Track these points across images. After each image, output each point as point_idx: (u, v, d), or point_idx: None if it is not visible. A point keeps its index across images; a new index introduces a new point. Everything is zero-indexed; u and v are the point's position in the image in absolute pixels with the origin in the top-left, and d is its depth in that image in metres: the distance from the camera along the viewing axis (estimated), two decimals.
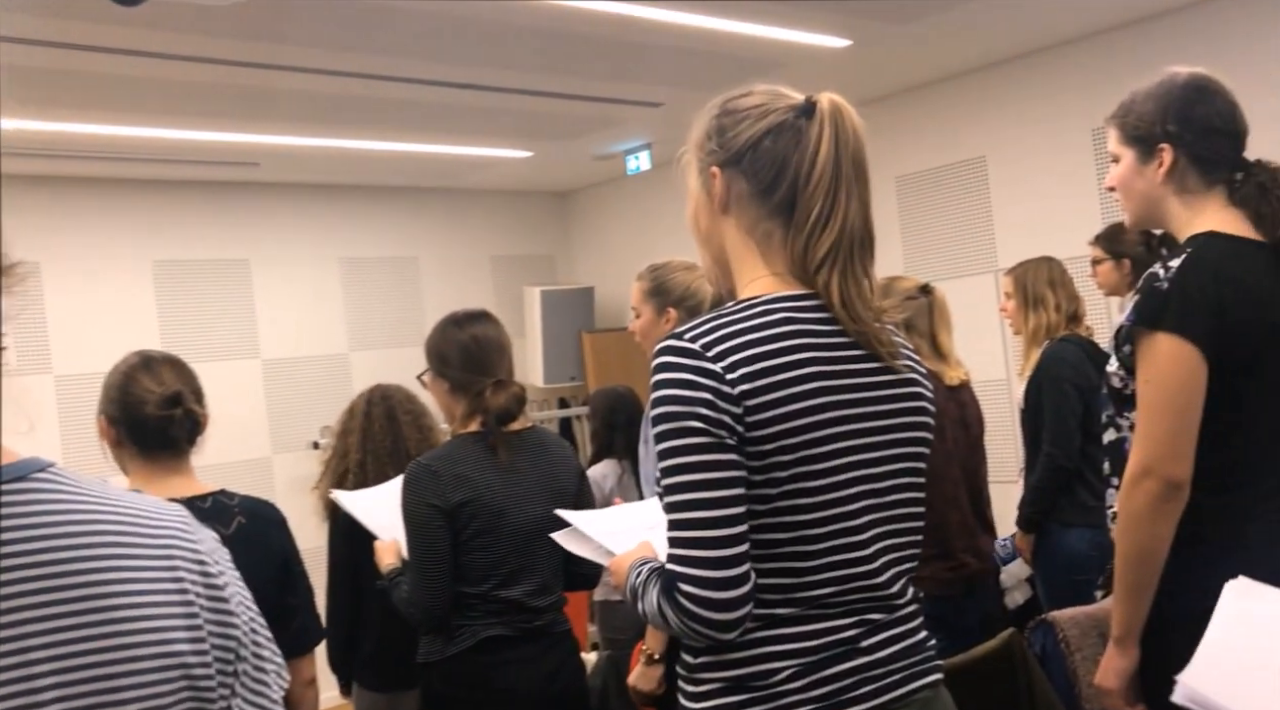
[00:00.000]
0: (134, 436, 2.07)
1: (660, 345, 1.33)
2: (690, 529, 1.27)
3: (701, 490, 1.27)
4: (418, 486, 2.32)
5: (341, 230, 6.85)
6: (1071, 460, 3.52)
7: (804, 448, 1.29)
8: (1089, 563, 3.50)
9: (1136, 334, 1.74)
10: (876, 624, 1.35)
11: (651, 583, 1.35)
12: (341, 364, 6.75)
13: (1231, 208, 1.80)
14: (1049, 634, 2.24)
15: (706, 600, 1.26)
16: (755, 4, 4.11)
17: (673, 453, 1.28)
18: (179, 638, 0.89)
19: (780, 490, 1.29)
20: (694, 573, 1.26)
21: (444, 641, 2.36)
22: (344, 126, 5.38)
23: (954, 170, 5.67)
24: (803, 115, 1.38)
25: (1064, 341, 3.61)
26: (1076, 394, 3.51)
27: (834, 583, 1.32)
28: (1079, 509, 3.52)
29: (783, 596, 1.31)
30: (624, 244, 7.52)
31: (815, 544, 1.31)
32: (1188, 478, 1.69)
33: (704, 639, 1.30)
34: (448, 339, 2.46)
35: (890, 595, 1.37)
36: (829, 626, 1.32)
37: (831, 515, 1.31)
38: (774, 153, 1.37)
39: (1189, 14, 4.75)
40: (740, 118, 1.40)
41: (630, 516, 1.84)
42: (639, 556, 1.47)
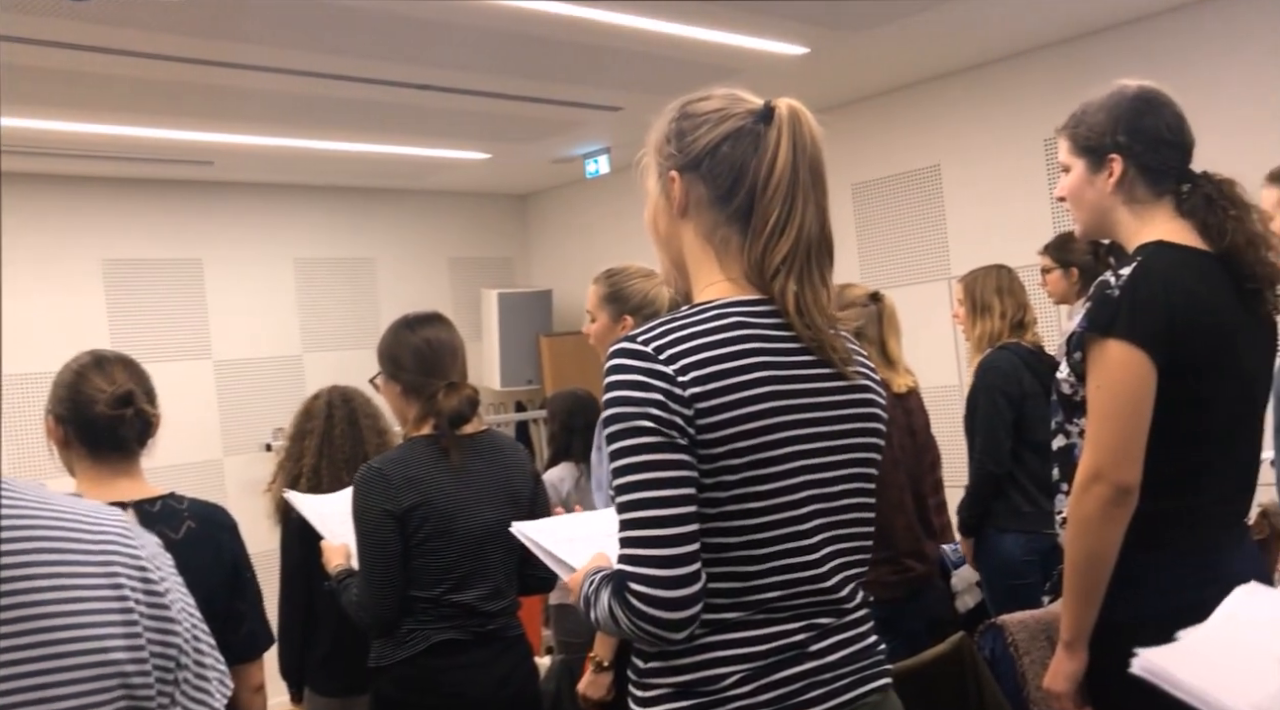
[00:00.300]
0: (83, 436, 2.03)
1: (613, 348, 1.33)
2: (641, 528, 1.28)
3: (652, 489, 1.27)
4: (368, 490, 2.30)
5: (296, 230, 6.78)
6: (1001, 467, 3.59)
7: (754, 452, 1.29)
8: (1025, 568, 3.57)
9: (1087, 340, 1.77)
10: (825, 628, 1.36)
11: (603, 587, 1.35)
12: (295, 366, 6.68)
13: (1179, 218, 1.84)
14: (998, 638, 2.26)
15: (657, 599, 1.26)
16: (715, 10, 4.13)
17: (624, 453, 1.29)
18: (116, 646, 0.88)
19: (729, 494, 1.29)
20: (645, 572, 1.27)
21: (395, 646, 2.34)
22: (300, 126, 5.33)
23: (909, 178, 5.73)
24: (761, 120, 1.38)
25: (1001, 349, 3.67)
26: (1006, 402, 3.59)
27: (782, 587, 1.32)
28: (1013, 515, 3.59)
29: (731, 601, 1.32)
30: (582, 247, 7.51)
31: (764, 548, 1.31)
32: (1137, 483, 1.72)
33: (653, 639, 1.29)
34: (400, 342, 2.44)
35: (839, 600, 1.37)
36: (777, 631, 1.32)
37: (780, 519, 1.31)
38: (732, 158, 1.37)
39: (1137, 28, 4.84)
40: (699, 122, 1.40)
41: (585, 525, 1.84)
42: (593, 566, 1.47)
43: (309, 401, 3.15)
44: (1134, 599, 1.77)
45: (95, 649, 0.87)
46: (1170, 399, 1.72)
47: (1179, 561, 1.77)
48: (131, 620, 0.90)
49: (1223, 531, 1.82)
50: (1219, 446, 1.79)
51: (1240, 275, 1.79)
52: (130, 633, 0.89)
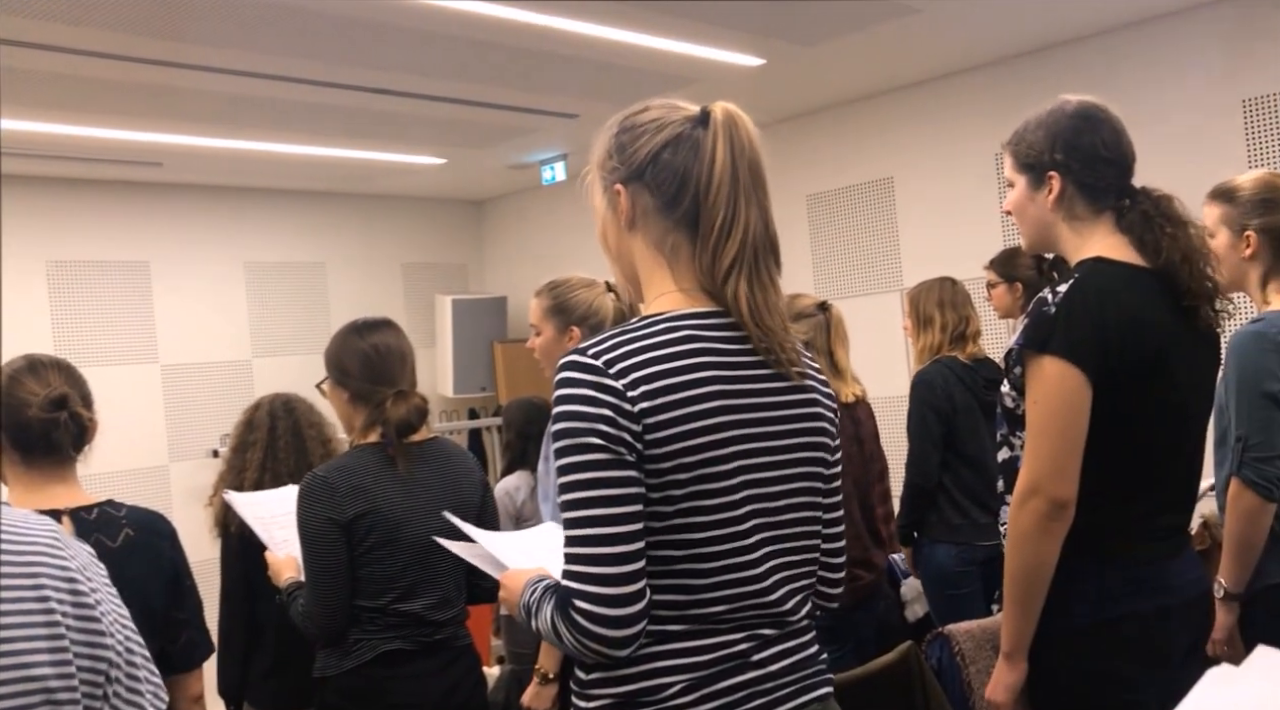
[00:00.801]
0: (15, 441, 1.99)
1: (563, 360, 1.33)
2: (586, 546, 1.27)
3: (599, 507, 1.27)
4: (313, 499, 2.27)
5: (247, 234, 6.70)
6: (928, 480, 3.64)
7: (701, 466, 1.30)
8: (960, 578, 3.63)
9: (1025, 356, 1.79)
10: (767, 639, 1.37)
11: (546, 600, 1.35)
12: (244, 370, 6.59)
13: (1118, 233, 1.86)
14: (945, 647, 2.28)
15: (601, 617, 1.26)
16: (672, 20, 4.15)
17: (571, 469, 1.29)
18: (40, 661, 0.86)
19: (676, 508, 1.29)
20: (589, 590, 1.26)
21: (340, 656, 2.31)
22: (252, 128, 5.27)
23: (862, 190, 5.78)
24: (699, 126, 1.39)
25: (934, 364, 3.72)
26: (935, 417, 3.63)
27: (726, 601, 1.33)
28: (944, 526, 3.65)
29: (675, 613, 1.32)
30: (538, 254, 7.49)
31: (709, 562, 1.31)
32: (1073, 497, 1.74)
33: (597, 656, 1.29)
34: (348, 348, 2.41)
35: (782, 612, 1.38)
36: (720, 641, 1.33)
37: (725, 534, 1.31)
38: (674, 164, 1.38)
39: (1089, 44, 4.92)
40: (639, 133, 1.41)
41: (531, 540, 1.83)
42: (535, 575, 1.47)
43: (250, 411, 3.09)
44: (1074, 609, 1.79)
45: (18, 664, 0.85)
46: (1107, 413, 1.75)
47: (1118, 572, 1.80)
48: (58, 634, 0.88)
49: (1162, 542, 1.84)
50: (1156, 459, 1.82)
51: (1177, 291, 1.82)
52: (56, 646, 0.88)
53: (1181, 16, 4.66)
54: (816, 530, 1.44)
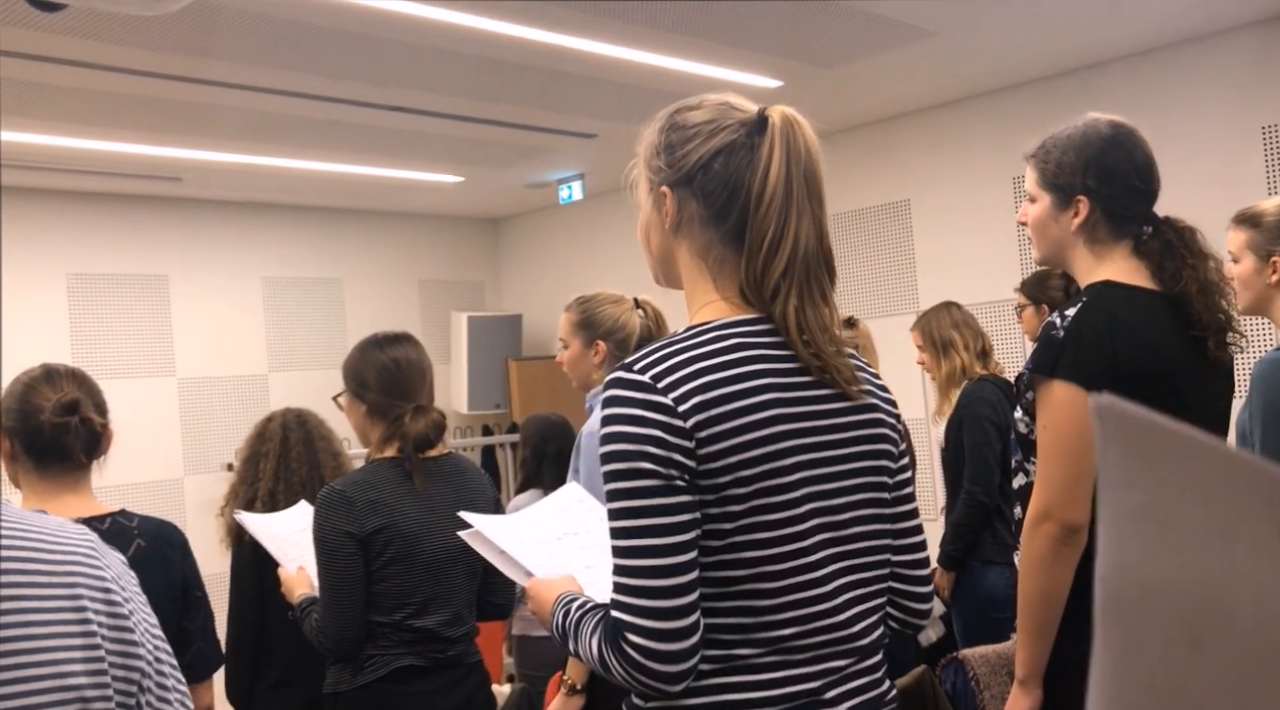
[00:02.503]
0: (28, 448, 1.99)
1: (610, 377, 1.27)
2: (638, 577, 1.21)
3: (650, 537, 1.20)
4: (331, 512, 2.27)
5: (265, 249, 6.74)
6: (991, 497, 3.58)
7: (760, 479, 1.22)
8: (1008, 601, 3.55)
9: (1035, 381, 1.78)
10: (841, 674, 1.29)
11: (587, 626, 1.29)
12: (260, 385, 6.62)
13: (1134, 258, 1.85)
14: (960, 672, 2.26)
15: (655, 652, 1.20)
16: (690, 42, 4.17)
17: (621, 494, 1.22)
18: (76, 670, 0.87)
19: (737, 524, 1.22)
20: (642, 623, 1.20)
21: (353, 671, 2.30)
22: (271, 144, 5.31)
23: (879, 212, 5.78)
24: (754, 132, 1.31)
25: (983, 381, 3.70)
26: (996, 432, 3.59)
27: (795, 623, 1.25)
28: (1000, 547, 3.58)
29: (741, 636, 1.25)
30: (554, 272, 7.51)
31: (775, 581, 1.24)
32: (1085, 521, 1.73)
33: (651, 691, 1.23)
34: (367, 361, 2.42)
35: (853, 635, 1.30)
36: (791, 675, 1.25)
37: (790, 551, 1.24)
38: (725, 175, 1.30)
39: (1105, 69, 4.92)
40: (690, 134, 1.33)
41: (537, 524, 1.80)
42: (564, 591, 1.41)
43: (262, 424, 3.09)
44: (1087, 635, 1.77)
45: (55, 672, 0.85)
46: None
47: None
48: (94, 643, 0.88)
49: None
50: None
51: (1188, 319, 1.81)
52: (91, 656, 0.88)
53: (1201, 43, 4.66)
54: (885, 545, 1.36)
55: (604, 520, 1.74)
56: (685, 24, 3.96)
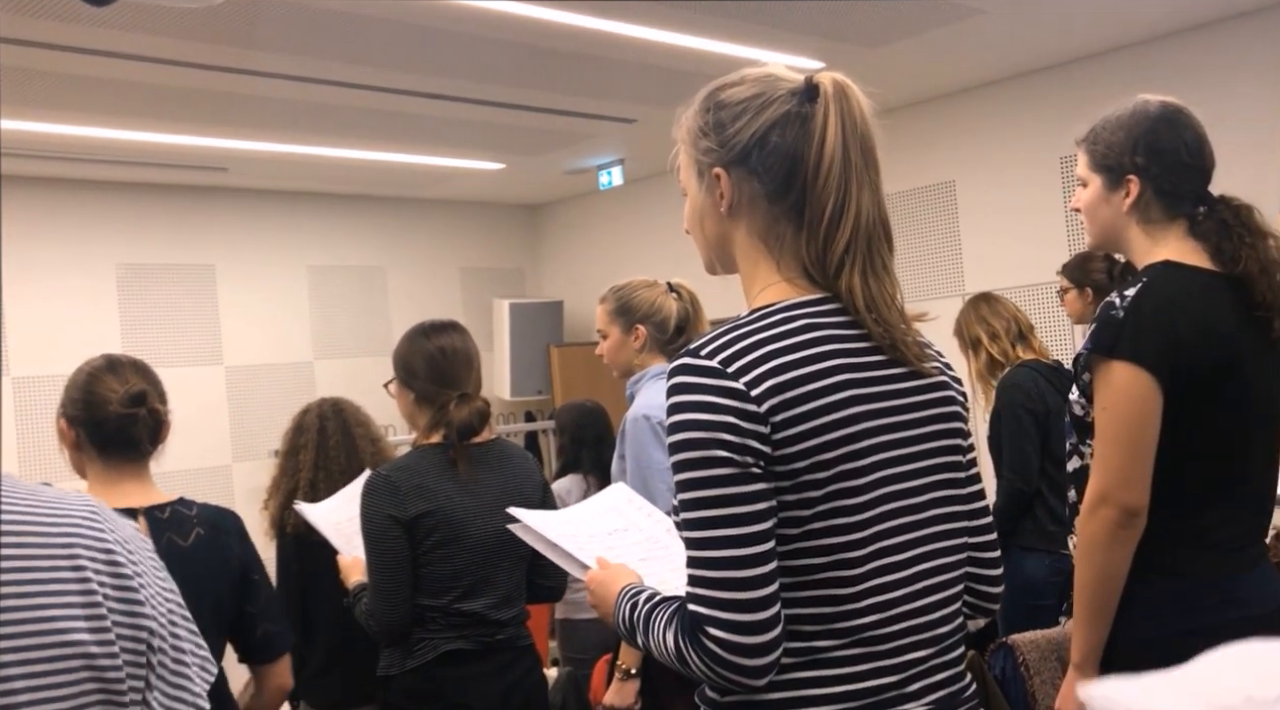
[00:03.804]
0: (94, 438, 2.03)
1: (675, 364, 1.22)
2: (717, 568, 1.16)
3: (728, 527, 1.16)
4: (376, 497, 2.30)
5: (309, 238, 6.80)
6: (1030, 485, 3.56)
7: (839, 463, 1.18)
8: (1047, 588, 3.53)
9: (1093, 362, 1.76)
10: (922, 666, 1.25)
11: (659, 619, 1.24)
12: (306, 372, 6.68)
13: (1191, 239, 1.82)
14: (1009, 657, 2.25)
15: (739, 646, 1.16)
16: (729, 23, 4.14)
17: (694, 484, 1.18)
18: (78, 627, 0.90)
19: (815, 511, 1.18)
20: (723, 616, 1.16)
21: (403, 655, 2.33)
22: (314, 134, 5.35)
23: (923, 193, 5.72)
24: (806, 101, 1.26)
25: (1021, 367, 3.66)
26: (1032, 419, 3.56)
27: (875, 611, 1.21)
28: (1039, 534, 3.56)
29: (821, 627, 1.21)
30: (594, 259, 7.51)
31: (855, 568, 1.20)
32: (1144, 505, 1.70)
33: (733, 686, 1.19)
34: (415, 349, 2.44)
35: (933, 622, 1.26)
36: (872, 669, 1.22)
37: (871, 534, 1.20)
38: (783, 148, 1.25)
39: (1154, 46, 4.83)
40: (739, 110, 1.27)
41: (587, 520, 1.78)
42: (625, 583, 1.37)
43: (299, 416, 3.12)
44: (1145, 620, 1.75)
45: (54, 629, 0.88)
46: (1177, 420, 1.70)
47: (1190, 583, 1.76)
48: (95, 602, 0.91)
49: (1235, 553, 1.80)
50: (1228, 468, 1.77)
51: (1251, 300, 1.77)
52: (94, 615, 0.91)
53: (1243, 20, 4.56)
54: (962, 527, 1.31)
55: (654, 518, 1.73)
56: (725, 5, 3.93)
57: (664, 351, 2.69)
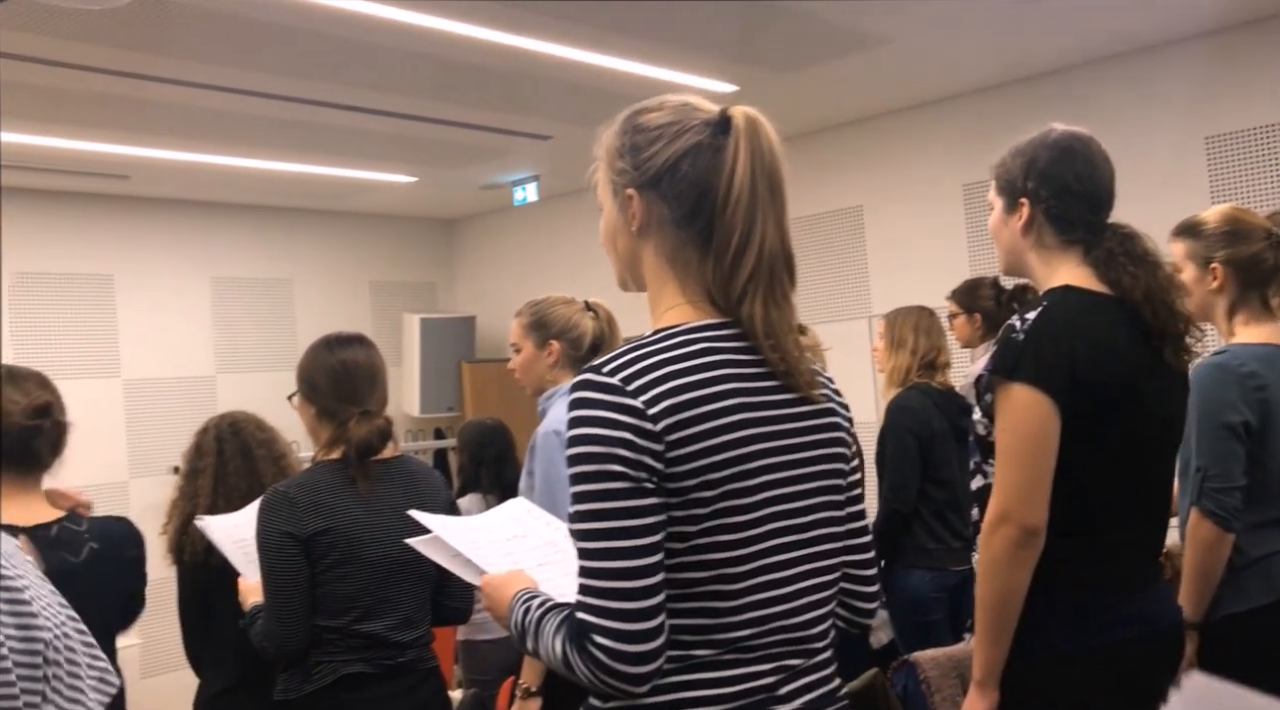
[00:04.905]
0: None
1: (578, 379, 1.27)
2: (606, 579, 1.21)
3: (620, 538, 1.21)
4: (272, 513, 2.24)
5: (214, 248, 6.65)
6: (906, 506, 3.67)
7: (726, 482, 1.24)
8: (933, 604, 3.64)
9: (995, 383, 1.80)
10: (794, 671, 1.31)
11: (549, 625, 1.29)
12: (208, 386, 6.52)
13: (1086, 265, 1.88)
14: (911, 675, 2.28)
15: (621, 653, 1.21)
16: (646, 46, 4.17)
17: (589, 497, 1.23)
18: None
19: (700, 527, 1.24)
20: (608, 625, 1.21)
21: (301, 679, 2.27)
22: (222, 142, 5.24)
23: (832, 217, 5.82)
24: (719, 132, 1.32)
25: (912, 389, 3.76)
26: (915, 442, 3.67)
27: (754, 624, 1.27)
28: (920, 552, 3.67)
29: (700, 638, 1.26)
30: (508, 274, 7.48)
31: (736, 583, 1.26)
32: (1043, 524, 1.75)
33: (616, 692, 1.24)
34: (318, 363, 2.39)
35: (809, 637, 1.33)
36: (747, 673, 1.27)
37: (754, 552, 1.26)
38: (693, 176, 1.31)
39: (1055, 78, 4.99)
40: (655, 136, 1.33)
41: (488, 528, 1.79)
42: (520, 587, 1.41)
43: (197, 437, 3.01)
44: (1046, 638, 1.79)
45: None
46: (1075, 441, 1.75)
47: (1090, 601, 1.80)
48: None
49: (1132, 572, 1.85)
50: (1125, 488, 1.83)
51: (1144, 327, 1.84)
52: None
53: (1150, 53, 4.74)
54: (839, 547, 1.38)
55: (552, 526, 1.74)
56: (641, 27, 3.96)
57: (577, 369, 2.69)
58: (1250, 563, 2.24)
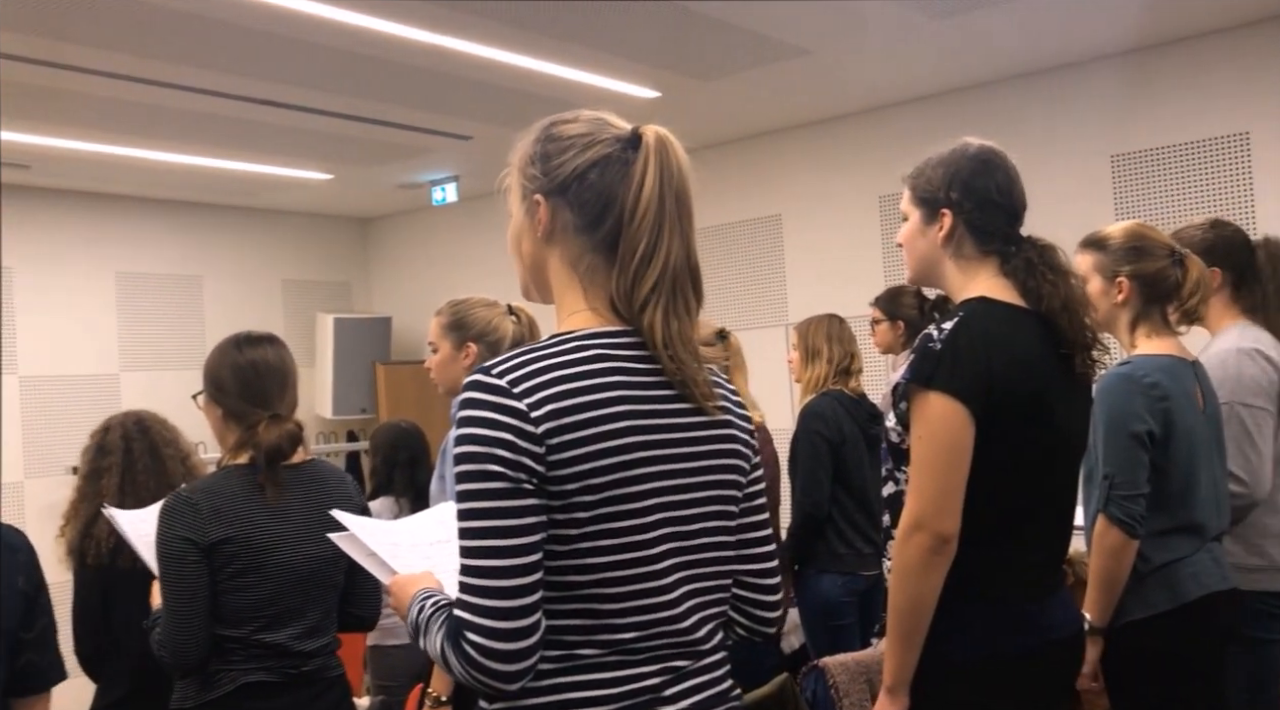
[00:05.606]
0: None
1: (468, 379, 1.29)
2: (481, 577, 1.24)
3: (495, 537, 1.24)
4: (174, 519, 2.16)
5: (119, 243, 6.47)
6: (820, 510, 3.72)
7: (608, 488, 1.26)
8: (843, 608, 3.69)
9: (911, 392, 1.82)
10: (681, 672, 1.33)
11: (435, 623, 1.31)
12: (111, 384, 6.33)
13: (1002, 276, 1.92)
14: (820, 679, 2.30)
15: (493, 651, 1.23)
16: (571, 49, 4.15)
17: (469, 496, 1.25)
18: None
19: (582, 531, 1.26)
20: (482, 622, 1.23)
21: (200, 687, 2.19)
22: (129, 134, 5.09)
23: (752, 226, 5.87)
24: (629, 147, 1.36)
25: (823, 396, 3.81)
26: (828, 447, 3.72)
27: (638, 628, 1.29)
28: (832, 556, 3.72)
29: (585, 638, 1.29)
30: (425, 275, 7.39)
31: (618, 587, 1.28)
32: (955, 532, 1.77)
33: (488, 689, 1.26)
34: (225, 362, 2.31)
35: (695, 640, 1.35)
36: (632, 675, 1.30)
37: (635, 558, 1.28)
38: (600, 186, 1.35)
39: (968, 94, 5.11)
40: (565, 145, 1.37)
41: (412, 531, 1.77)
42: (423, 586, 1.43)
43: (100, 435, 2.90)
44: (956, 644, 1.81)
45: None
46: (988, 451, 1.78)
47: (998, 608, 1.83)
48: None
49: (1040, 579, 1.89)
50: (1035, 497, 1.86)
51: (1057, 336, 1.88)
52: None
53: (1061, 73, 4.87)
54: (729, 556, 1.41)
55: None
56: (566, 30, 3.95)
57: None
58: (1154, 570, 2.30)
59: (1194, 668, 2.30)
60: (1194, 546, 2.32)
